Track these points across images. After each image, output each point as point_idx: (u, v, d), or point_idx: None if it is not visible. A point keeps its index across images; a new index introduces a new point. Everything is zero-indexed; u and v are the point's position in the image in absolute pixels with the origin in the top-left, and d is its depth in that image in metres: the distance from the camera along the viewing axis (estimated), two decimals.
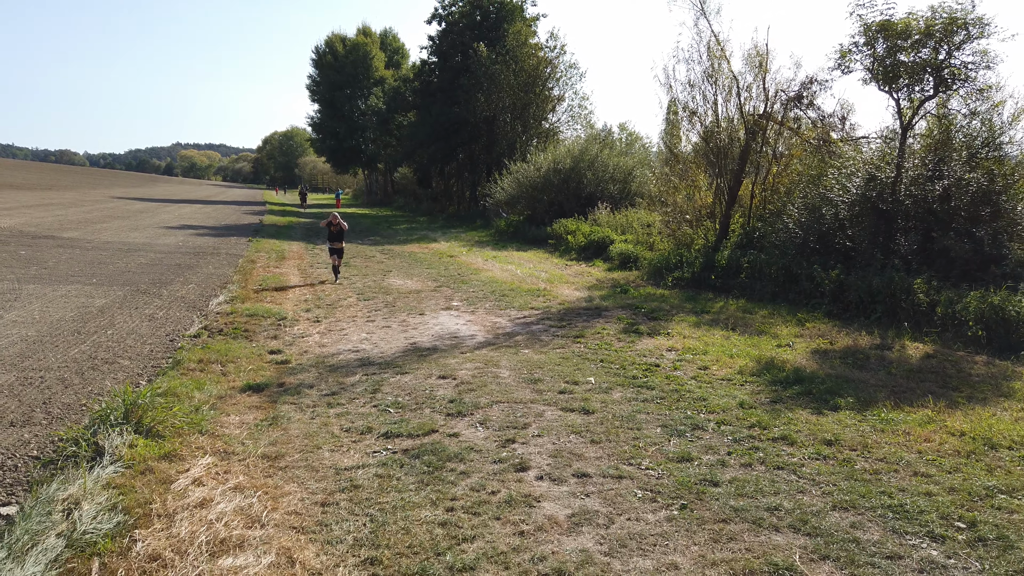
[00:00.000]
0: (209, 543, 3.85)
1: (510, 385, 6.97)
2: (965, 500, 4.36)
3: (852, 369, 7.57)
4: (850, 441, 5.36)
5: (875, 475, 4.75)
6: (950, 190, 10.84)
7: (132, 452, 5.01)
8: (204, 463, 4.95)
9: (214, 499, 4.38)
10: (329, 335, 9.37)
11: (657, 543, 3.88)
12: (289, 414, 6.09)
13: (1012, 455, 5.08)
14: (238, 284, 13.15)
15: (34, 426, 5.72)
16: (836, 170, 12.06)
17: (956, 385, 6.93)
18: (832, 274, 10.84)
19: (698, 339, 8.97)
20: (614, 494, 4.50)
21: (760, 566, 3.61)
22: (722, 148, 14.99)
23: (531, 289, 13.25)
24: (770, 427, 5.68)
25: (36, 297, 11.10)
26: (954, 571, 3.58)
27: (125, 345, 8.52)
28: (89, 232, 21.94)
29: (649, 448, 5.29)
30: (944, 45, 11.44)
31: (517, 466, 4.93)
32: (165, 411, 5.75)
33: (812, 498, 4.42)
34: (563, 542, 3.89)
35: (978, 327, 8.51)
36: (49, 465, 4.94)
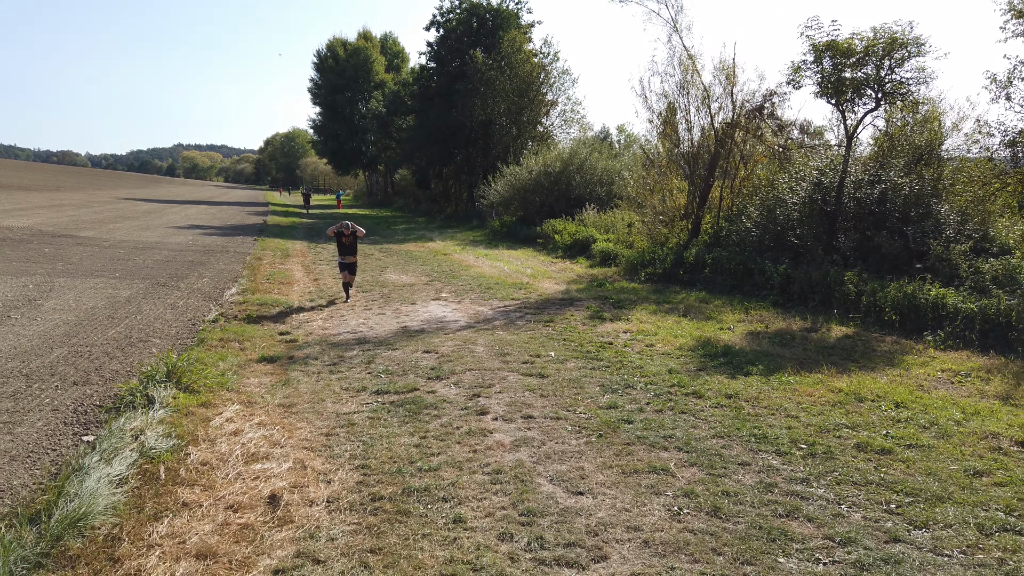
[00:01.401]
0: (243, 455, 5.28)
1: (483, 357, 8.40)
2: (815, 432, 5.77)
3: (776, 346, 8.98)
4: (746, 395, 6.79)
5: (755, 416, 6.17)
6: (886, 194, 12.26)
7: (176, 401, 6.45)
8: (233, 409, 6.39)
9: (244, 430, 5.82)
10: (331, 320, 10.80)
11: (573, 456, 5.31)
12: (298, 378, 7.53)
13: (870, 405, 6.49)
14: (248, 278, 14.59)
15: (92, 385, 7.16)
16: (788, 175, 13.48)
17: (856, 358, 8.34)
18: (780, 268, 12.25)
19: (652, 324, 10.39)
20: (550, 429, 5.93)
21: (643, 468, 5.04)
22: (694, 154, 16.40)
23: (515, 283, 14.68)
24: (687, 386, 7.10)
25: (68, 289, 12.54)
26: (783, 470, 5.00)
27: (154, 328, 9.96)
28: (104, 232, 23.43)
29: (585, 400, 6.72)
30: (885, 62, 12.85)
31: (479, 411, 6.36)
32: (198, 373, 7.19)
33: (699, 431, 5.84)
34: (504, 456, 5.32)
35: (893, 312, 9.91)
36: (111, 411, 6.37)
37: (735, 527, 4.18)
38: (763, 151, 15.71)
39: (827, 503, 4.49)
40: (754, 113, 15.14)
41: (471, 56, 33.01)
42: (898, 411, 6.30)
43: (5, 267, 14.60)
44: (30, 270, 14.45)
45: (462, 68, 34.15)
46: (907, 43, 12.73)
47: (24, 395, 6.68)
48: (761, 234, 13.63)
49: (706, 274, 14.01)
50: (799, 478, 4.87)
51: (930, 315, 9.60)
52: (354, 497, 4.61)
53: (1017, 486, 4.71)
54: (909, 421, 6.02)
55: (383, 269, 16.99)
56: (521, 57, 32.45)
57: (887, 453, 5.29)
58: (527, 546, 3.97)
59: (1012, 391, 6.85)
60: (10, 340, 8.74)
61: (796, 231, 12.92)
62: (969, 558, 3.83)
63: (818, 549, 3.92)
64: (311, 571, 3.72)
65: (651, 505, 4.47)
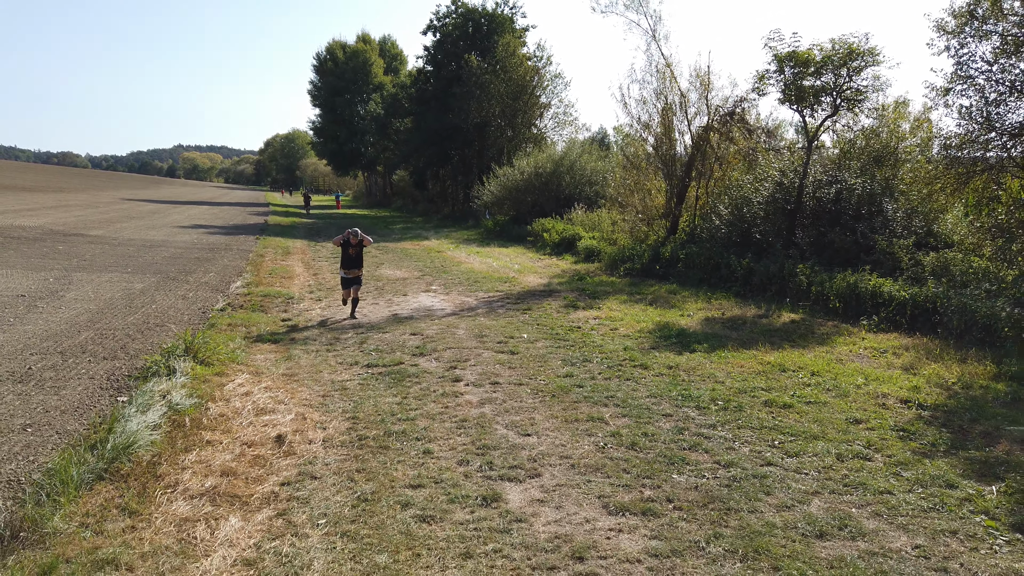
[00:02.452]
0: (254, 410, 6.42)
1: (462, 338, 9.54)
2: (734, 393, 6.90)
3: (726, 330, 10.10)
4: (685, 367, 7.92)
5: (687, 382, 7.30)
6: (841, 193, 13.38)
7: (194, 371, 7.58)
8: (243, 377, 7.53)
9: (253, 392, 6.96)
10: (329, 309, 11.94)
11: (527, 411, 6.44)
12: (299, 354, 8.67)
13: (790, 374, 7.62)
14: (251, 273, 15.74)
15: (119, 360, 8.30)
16: (754, 176, 14.60)
17: (794, 339, 9.46)
18: (743, 262, 13.37)
19: (620, 311, 11.52)
20: (511, 392, 7.06)
21: (583, 418, 6.17)
22: (671, 157, 17.53)
23: (501, 277, 15.82)
24: (637, 360, 8.23)
25: (86, 282, 13.69)
26: (697, 419, 6.13)
27: (168, 315, 11.10)
28: (112, 231, 24.60)
29: (547, 371, 7.85)
30: (843, 71, 13.98)
31: (453, 379, 7.49)
32: (212, 350, 8.33)
33: (637, 393, 6.97)
34: (471, 410, 6.45)
35: (837, 300, 11.03)
36: (139, 378, 7.51)
37: (645, 456, 5.31)
38: (736, 153, 16.82)
39: (724, 441, 5.62)
40: (726, 118, 16.26)
41: (466, 60, 34.18)
42: (812, 378, 7.42)
43: (25, 263, 15.75)
44: (48, 265, 15.61)
45: (458, 72, 35.32)
46: (863, 53, 13.86)
47: (62, 367, 7.82)
48: (729, 231, 14.76)
49: (679, 268, 15.12)
50: (708, 424, 6.00)
51: (869, 302, 10.71)
52: (344, 438, 5.75)
53: (884, 430, 5.84)
54: (817, 385, 7.15)
55: (379, 265, 18.13)
56: (515, 61, 33.59)
57: (788, 407, 6.42)
58: (479, 468, 5.10)
59: (916, 363, 7.97)
60: (41, 325, 9.88)
61: (760, 228, 14.04)
62: (821, 475, 4.95)
63: (706, 470, 5.05)
64: (309, 483, 4.86)
65: (583, 442, 5.61)
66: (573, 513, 4.40)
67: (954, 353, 8.33)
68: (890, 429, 5.84)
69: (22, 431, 5.76)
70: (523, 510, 4.45)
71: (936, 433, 5.74)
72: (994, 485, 4.75)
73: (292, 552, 3.92)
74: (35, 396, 6.70)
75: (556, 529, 4.19)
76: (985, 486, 4.74)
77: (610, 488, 4.74)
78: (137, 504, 4.45)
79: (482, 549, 3.95)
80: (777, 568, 3.70)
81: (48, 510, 4.17)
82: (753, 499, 4.56)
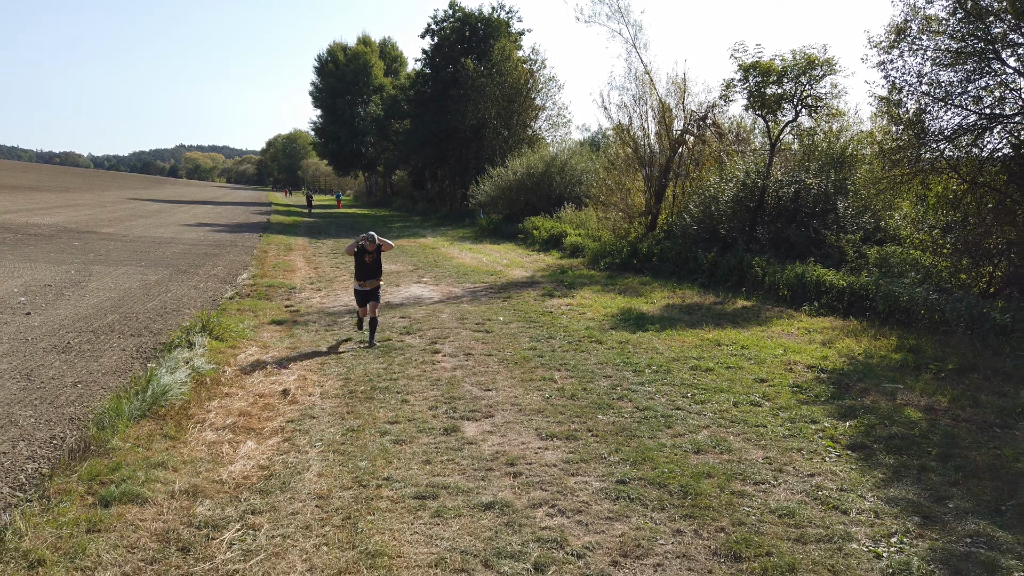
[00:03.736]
0: (263, 372, 7.75)
1: (445, 321, 10.86)
2: (668, 361, 8.21)
3: (682, 314, 11.41)
4: (634, 342, 9.23)
5: (632, 353, 8.62)
6: (799, 192, 14.68)
7: (210, 344, 8.92)
8: (253, 349, 8.86)
9: (262, 359, 8.29)
10: (327, 298, 13.28)
11: (491, 373, 7.76)
12: (300, 333, 10.00)
13: (724, 347, 8.92)
14: (256, 267, 17.09)
15: (145, 337, 9.64)
16: (721, 177, 15.91)
17: (739, 321, 10.76)
18: (709, 256, 14.68)
19: (591, 299, 12.83)
20: (480, 360, 8.38)
21: (536, 379, 7.49)
22: (650, 158, 18.84)
23: (488, 271, 17.15)
24: (594, 337, 9.54)
25: (104, 274, 15.04)
26: (631, 379, 7.44)
27: (183, 302, 12.44)
28: (122, 228, 26.00)
29: (514, 345, 9.17)
30: (803, 80, 15.29)
31: (433, 351, 8.82)
32: (225, 328, 9.67)
33: (587, 361, 8.29)
34: (444, 373, 7.78)
35: (786, 289, 12.33)
36: (164, 350, 8.84)
37: (580, 403, 6.63)
38: (709, 155, 18.13)
39: (648, 394, 6.94)
40: (699, 122, 17.57)
41: (463, 64, 35.54)
42: (740, 351, 8.73)
43: (46, 257, 17.13)
44: (67, 260, 16.98)
45: (455, 75, 36.69)
46: (822, 63, 15.17)
47: (96, 342, 9.17)
48: (699, 228, 16.06)
49: (654, 262, 16.43)
50: (639, 383, 7.32)
51: (813, 290, 12.00)
52: (337, 391, 7.08)
53: (782, 387, 7.14)
54: (741, 355, 8.46)
55: None
56: (510, 65, 34.94)
57: (709, 371, 7.73)
58: (445, 411, 6.43)
59: (834, 339, 9.27)
60: (70, 309, 11.23)
61: (725, 225, 15.35)
62: (716, 416, 6.26)
63: (626, 413, 6.37)
64: (309, 421, 6.19)
65: (532, 395, 6.93)
66: (513, 439, 5.72)
67: (873, 332, 9.63)
68: (787, 386, 7.15)
69: (74, 387, 7.10)
70: (475, 437, 5.77)
71: (823, 388, 7.06)
72: (848, 422, 6.06)
73: (295, 461, 5.25)
74: (78, 363, 8.05)
75: (498, 448, 5.51)
76: (841, 422, 6.05)
77: (545, 424, 6.06)
78: (175, 433, 5.78)
79: (439, 459, 5.27)
80: (655, 468, 5.02)
81: (108, 433, 5.50)
82: (655, 430, 5.87)
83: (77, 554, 3.76)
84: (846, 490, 4.68)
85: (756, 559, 3.77)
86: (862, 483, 4.79)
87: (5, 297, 11.86)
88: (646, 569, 3.73)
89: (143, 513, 4.31)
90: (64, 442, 5.50)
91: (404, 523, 4.24)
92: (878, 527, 4.16)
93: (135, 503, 4.41)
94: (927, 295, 10.12)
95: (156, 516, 4.28)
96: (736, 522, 4.21)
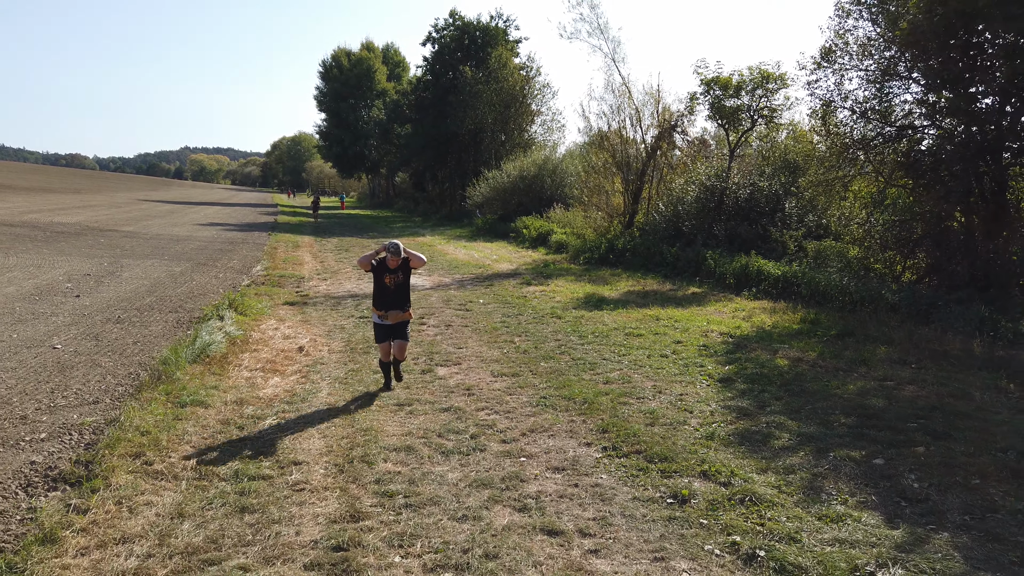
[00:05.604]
0: (282, 336, 9.80)
1: (433, 303, 12.90)
2: (609, 330, 10.21)
3: (638, 298, 13.41)
4: (588, 317, 11.24)
5: (583, 324, 10.62)
6: (753, 194, 16.67)
7: (236, 318, 10.97)
8: (272, 321, 10.92)
9: (280, 328, 10.34)
10: (333, 286, 15.34)
11: (464, 338, 9.79)
12: (310, 311, 12.05)
13: (659, 321, 10.91)
14: (268, 260, 19.18)
15: (180, 313, 11.71)
16: (686, 180, 17.92)
17: (683, 303, 12.74)
18: (672, 250, 16.68)
19: (563, 287, 14.85)
20: (458, 330, 10.41)
21: (500, 341, 9.52)
22: (627, 163, 20.86)
23: (478, 264, 19.19)
24: (556, 314, 11.56)
25: (134, 266, 17.14)
26: (575, 342, 9.44)
27: (207, 288, 14.51)
28: (140, 227, 28.16)
29: (488, 320, 11.19)
30: (758, 93, 17.29)
31: (420, 323, 10.85)
32: (247, 306, 11.72)
33: (544, 330, 10.30)
34: (427, 338, 9.81)
35: (731, 278, 14.32)
36: (199, 322, 10.88)
37: (530, 356, 8.65)
38: (681, 159, 20.14)
39: (584, 351, 8.95)
40: (670, 130, 19.59)
41: (462, 71, 37.65)
42: (673, 323, 10.72)
43: (78, 252, 19.25)
44: (98, 254, 19.10)
45: (455, 81, 38.80)
46: (775, 78, 17.19)
47: (142, 316, 11.23)
48: (666, 225, 18.08)
49: (627, 257, 18.43)
50: (580, 344, 9.34)
51: (754, 278, 13.98)
52: (341, 349, 9.12)
53: (692, 346, 9.13)
54: (671, 326, 10.46)
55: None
56: (507, 71, 37.03)
57: (639, 336, 9.74)
58: (424, 360, 8.46)
59: (754, 315, 11.26)
60: (112, 293, 13.31)
61: (687, 223, 17.35)
62: (630, 363, 8.26)
63: (563, 362, 8.38)
64: (320, 366, 8.22)
65: (494, 351, 8.96)
66: (473, 376, 7.75)
67: (790, 310, 11.61)
68: (697, 346, 9.15)
69: (134, 344, 9.16)
70: (445, 376, 7.80)
71: (723, 347, 9.06)
72: (728, 366, 8.06)
73: (310, 388, 7.28)
74: (132, 330, 10.11)
75: (460, 381, 7.55)
76: (722, 367, 8.05)
77: (499, 368, 8.09)
78: (219, 372, 7.82)
79: (416, 386, 7.31)
80: (570, 391, 7.03)
81: (172, 368, 7.55)
82: (580, 372, 7.89)
83: (170, 428, 5.79)
84: (699, 402, 6.70)
85: (615, 430, 5.80)
86: (713, 398, 6.81)
87: (55, 283, 13.95)
88: (543, 436, 5.76)
89: (207, 412, 6.35)
90: (139, 377, 7.55)
91: (387, 417, 6.28)
92: (708, 418, 6.17)
93: (201, 406, 6.46)
94: (841, 281, 12.10)
95: (217, 413, 6.33)
96: (613, 416, 6.23)
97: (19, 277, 14.29)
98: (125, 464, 5.02)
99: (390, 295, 7.25)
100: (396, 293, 7.26)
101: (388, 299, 7.25)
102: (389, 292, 7.26)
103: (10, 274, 14.56)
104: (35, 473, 4.95)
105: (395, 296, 7.26)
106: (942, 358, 8.39)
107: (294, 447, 5.53)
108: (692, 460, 5.19)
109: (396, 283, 7.24)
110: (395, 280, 7.24)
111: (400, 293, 7.29)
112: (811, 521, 4.26)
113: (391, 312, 7.22)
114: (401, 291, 7.30)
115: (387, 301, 7.25)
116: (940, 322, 10.02)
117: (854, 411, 6.37)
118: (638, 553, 3.94)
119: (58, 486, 4.79)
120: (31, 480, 4.86)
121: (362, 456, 5.32)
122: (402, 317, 7.26)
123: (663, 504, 4.54)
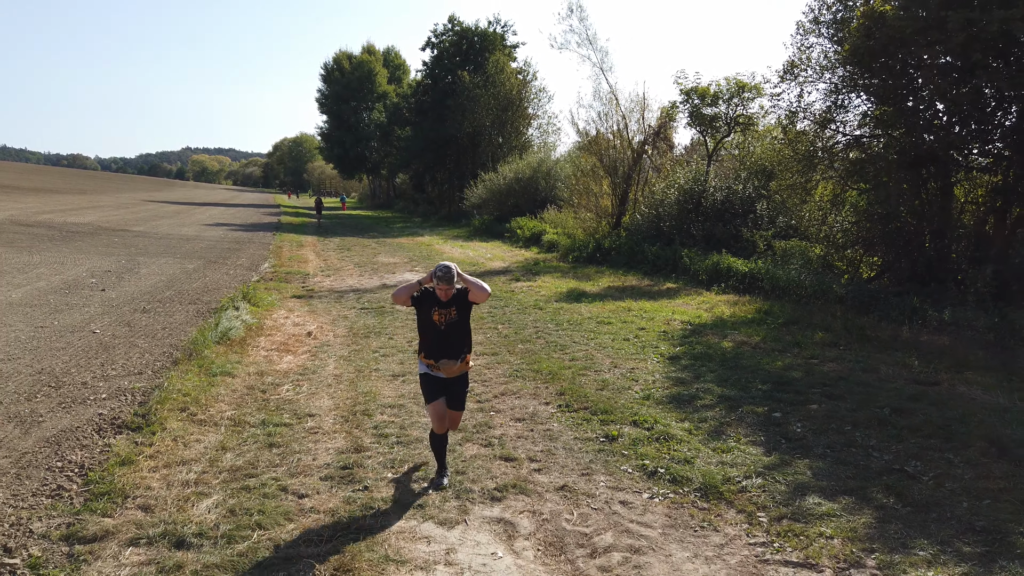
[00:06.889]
0: (292, 324, 11.15)
1: None
2: (583, 319, 11.54)
3: (616, 293, 14.73)
4: (567, 309, 12.58)
5: (561, 315, 11.96)
6: (729, 197, 18.00)
7: (250, 308, 12.32)
8: (282, 311, 12.27)
9: (290, 317, 11.70)
10: (336, 281, 16.69)
11: None
12: (316, 304, 13.41)
13: (631, 312, 12.24)
14: (274, 258, 20.55)
15: (199, 304, 13.07)
16: (666, 184, 19.27)
17: (657, 297, 14.06)
18: (653, 249, 18.01)
19: (549, 283, 16.18)
20: None
21: (486, 327, 10.86)
22: (614, 166, 22.21)
23: (472, 262, 20.54)
24: (539, 306, 12.89)
25: (150, 264, 18.52)
26: (551, 328, 10.78)
27: (219, 284, 15.88)
28: (150, 227, 29.56)
29: (475, 311, 12.51)
30: (734, 102, 18.64)
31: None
32: (259, 299, 13.08)
33: (525, 319, 11.64)
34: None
35: (704, 274, 15.65)
36: (216, 312, 12.23)
37: (509, 340, 9.99)
38: (663, 163, 21.48)
39: (558, 335, 10.28)
40: (654, 136, 20.93)
41: (460, 76, 39.04)
42: (642, 313, 12.05)
43: (96, 250, 20.64)
44: (114, 252, 20.48)
45: (453, 85, 40.20)
46: (751, 88, 18.53)
47: (165, 307, 12.60)
48: (648, 226, 19.41)
49: (612, 255, 19.77)
50: (555, 330, 10.68)
51: (724, 275, 15.31)
52: (345, 334, 10.47)
53: (654, 332, 10.46)
54: (640, 316, 11.79)
55: (376, 254, 22.92)
56: (504, 76, 38.40)
57: (609, 324, 11.07)
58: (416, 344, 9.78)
59: (716, 307, 12.60)
60: (134, 287, 14.68)
61: (668, 224, 18.69)
62: (595, 345, 9.60)
63: (538, 345, 9.71)
64: (327, 347, 9.57)
65: (478, 336, 10.30)
66: None
67: (750, 303, 12.93)
68: (658, 332, 10.49)
69: (163, 330, 10.52)
70: None
71: (681, 333, 10.39)
72: (679, 347, 9.39)
73: (318, 363, 8.63)
74: (158, 318, 11.48)
75: None
76: (673, 348, 9.39)
77: (481, 349, 9.43)
78: (240, 351, 9.17)
79: (407, 363, 8.66)
80: (539, 366, 8.36)
81: (201, 347, 8.89)
82: (551, 352, 9.23)
83: (206, 390, 7.15)
84: (646, 374, 8.05)
85: (571, 393, 7.17)
86: (659, 371, 8.16)
87: (80, 279, 15.33)
88: (511, 398, 7.11)
89: (234, 380, 7.70)
90: (172, 355, 8.90)
91: (383, 384, 7.64)
92: (649, 386, 7.52)
93: (229, 375, 7.81)
94: (798, 276, 13.43)
95: (242, 381, 7.68)
96: (571, 384, 7.59)
97: (46, 273, 15.66)
98: (174, 415, 6.37)
99: (441, 337, 5.16)
100: (449, 334, 5.17)
101: (438, 343, 5.16)
102: (439, 333, 5.16)
103: (37, 270, 15.94)
104: (103, 421, 6.31)
105: (448, 339, 5.16)
106: (869, 342, 9.72)
107: (308, 405, 6.88)
108: (627, 413, 6.54)
109: (448, 321, 5.16)
110: (447, 317, 5.15)
111: (455, 334, 5.20)
112: (707, 452, 5.60)
113: (443, 361, 5.15)
114: (456, 332, 5.20)
115: (439, 347, 5.16)
116: (878, 312, 11.34)
117: (772, 380, 7.72)
118: (570, 471, 5.29)
119: (123, 431, 6.14)
120: (101, 427, 6.22)
121: (363, 410, 6.68)
122: (459, 369, 5.24)
123: (596, 442, 5.89)
